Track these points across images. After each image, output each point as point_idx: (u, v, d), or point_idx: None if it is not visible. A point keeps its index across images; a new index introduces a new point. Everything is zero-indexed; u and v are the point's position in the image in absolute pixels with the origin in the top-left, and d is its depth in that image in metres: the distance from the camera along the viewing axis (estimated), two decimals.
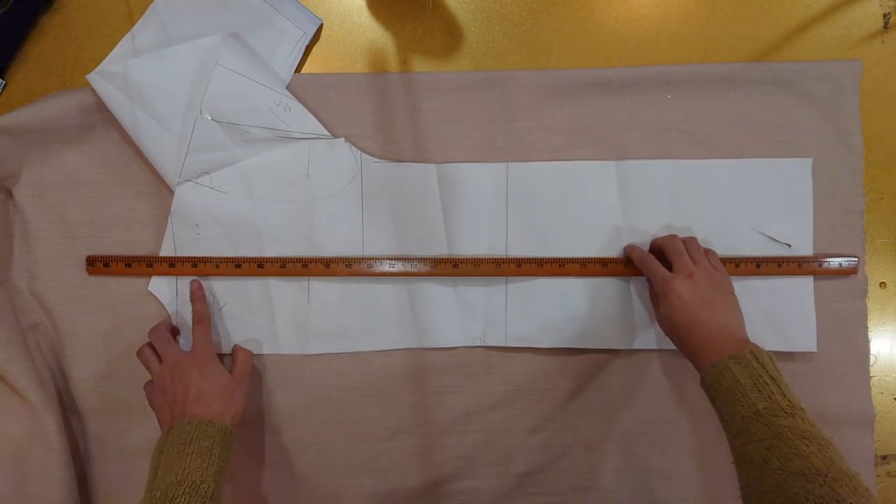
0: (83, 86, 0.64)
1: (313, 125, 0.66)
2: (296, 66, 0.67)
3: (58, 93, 0.65)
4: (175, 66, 0.63)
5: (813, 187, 0.67)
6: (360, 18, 0.69)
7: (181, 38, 0.64)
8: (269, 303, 0.68)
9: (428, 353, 0.69)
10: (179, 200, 0.65)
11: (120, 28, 0.66)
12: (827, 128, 0.67)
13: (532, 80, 0.67)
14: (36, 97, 0.65)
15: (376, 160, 0.67)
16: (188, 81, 0.63)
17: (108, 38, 0.66)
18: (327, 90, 0.67)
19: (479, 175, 0.67)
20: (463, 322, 0.68)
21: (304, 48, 0.67)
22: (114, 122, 0.65)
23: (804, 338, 0.67)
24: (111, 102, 0.63)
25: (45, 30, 0.68)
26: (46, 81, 0.68)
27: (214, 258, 0.66)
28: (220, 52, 0.63)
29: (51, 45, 0.68)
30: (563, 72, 0.67)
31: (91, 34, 0.68)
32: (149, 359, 0.62)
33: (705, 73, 0.67)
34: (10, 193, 0.67)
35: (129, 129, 0.64)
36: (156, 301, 0.67)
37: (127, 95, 0.63)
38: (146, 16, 0.65)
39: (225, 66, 0.63)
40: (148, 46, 0.65)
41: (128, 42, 0.65)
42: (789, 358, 0.68)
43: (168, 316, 0.67)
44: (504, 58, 0.69)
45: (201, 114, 0.63)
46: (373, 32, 0.69)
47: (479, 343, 0.68)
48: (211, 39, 0.63)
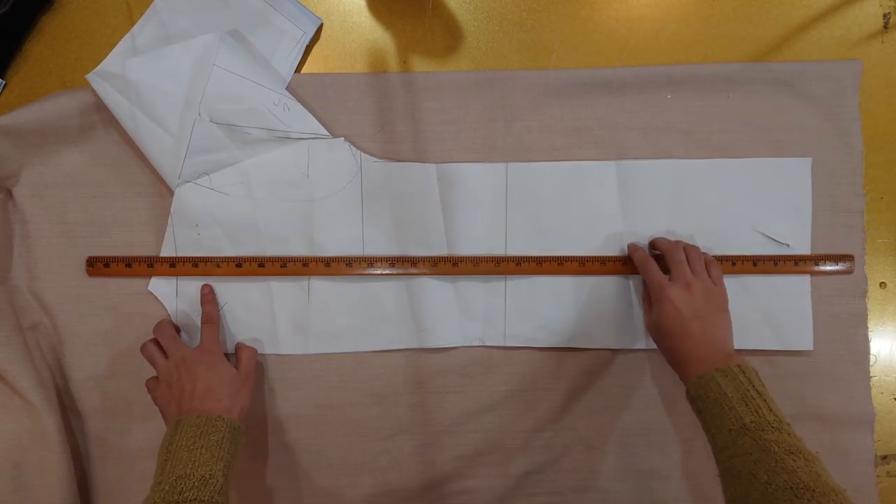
0: (83, 86, 0.64)
1: (313, 125, 0.66)
2: (296, 66, 0.67)
3: (58, 93, 0.65)
4: (173, 66, 0.63)
5: (813, 187, 0.67)
6: (360, 18, 0.69)
7: (181, 37, 0.64)
8: (269, 303, 0.68)
9: (428, 354, 0.69)
10: (179, 201, 0.65)
11: (120, 28, 0.66)
12: (827, 128, 0.67)
13: (532, 80, 0.67)
14: (36, 97, 0.65)
15: (376, 160, 0.67)
16: (186, 81, 0.63)
17: (108, 38, 0.66)
18: (327, 90, 0.67)
19: (478, 175, 0.67)
20: (462, 322, 0.68)
21: (304, 48, 0.67)
22: (114, 122, 0.65)
23: (801, 336, 0.67)
24: (111, 103, 0.63)
25: (45, 30, 0.68)
26: (46, 81, 0.68)
27: (215, 258, 0.66)
28: (217, 52, 0.63)
29: (51, 45, 0.68)
30: (563, 72, 0.67)
31: (91, 34, 0.68)
32: (154, 355, 0.62)
33: (705, 73, 0.67)
34: (10, 193, 0.67)
35: (129, 129, 0.64)
36: (156, 301, 0.67)
37: (126, 96, 0.63)
38: (146, 16, 0.65)
39: (223, 68, 0.63)
40: (148, 46, 0.65)
41: (128, 42, 0.65)
42: (789, 357, 0.68)
43: (168, 315, 0.67)
44: (504, 58, 0.69)
45: (200, 115, 0.63)
46: (373, 32, 0.69)
47: (478, 343, 0.68)
48: (208, 38, 0.63)
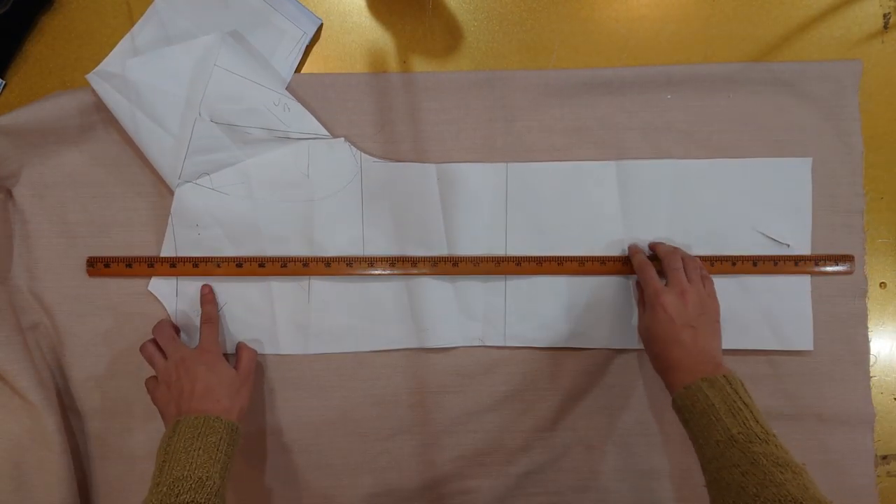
0: (83, 86, 0.64)
1: (313, 125, 0.66)
2: (296, 66, 0.67)
3: (58, 93, 0.65)
4: (173, 66, 0.63)
5: (813, 187, 0.67)
6: (360, 18, 0.69)
7: (181, 38, 0.64)
8: (269, 303, 0.68)
9: (428, 354, 0.69)
10: (179, 201, 0.65)
11: (120, 28, 0.66)
12: (827, 128, 0.67)
13: (532, 80, 0.67)
14: (36, 97, 0.65)
15: (376, 160, 0.67)
16: (186, 81, 0.63)
17: (108, 38, 0.66)
18: (327, 90, 0.67)
19: (478, 175, 0.67)
20: (462, 322, 0.68)
21: (304, 48, 0.67)
22: (114, 122, 0.65)
23: (801, 336, 0.67)
24: (111, 103, 0.63)
25: (45, 30, 0.68)
26: (46, 81, 0.68)
27: (215, 258, 0.66)
28: (218, 52, 0.63)
29: (51, 45, 0.68)
30: (563, 72, 0.67)
31: (91, 34, 0.68)
32: (153, 355, 0.62)
33: (705, 73, 0.67)
34: (10, 193, 0.67)
35: (129, 129, 0.64)
36: (156, 301, 0.67)
37: (126, 96, 0.63)
38: (146, 16, 0.65)
39: (223, 68, 0.63)
40: (148, 46, 0.65)
41: (128, 42, 0.65)
42: (789, 357, 0.68)
43: (168, 315, 0.67)
44: (504, 58, 0.69)
45: (200, 115, 0.63)
46: (373, 32, 0.69)
47: (478, 343, 0.68)
48: (208, 38, 0.63)
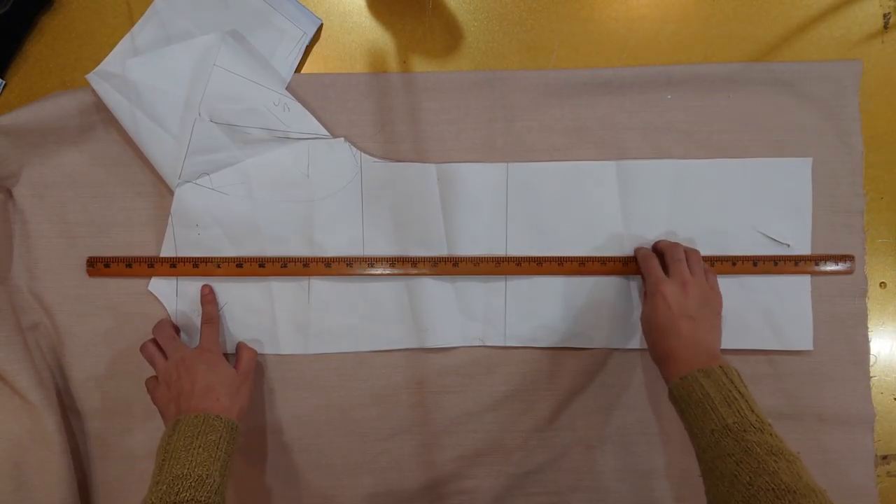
0: (83, 86, 0.64)
1: (313, 125, 0.66)
2: (296, 66, 0.67)
3: (58, 93, 0.65)
4: (173, 66, 0.63)
5: (813, 187, 0.67)
6: (360, 18, 0.69)
7: (181, 38, 0.64)
8: (269, 303, 0.68)
9: (428, 353, 0.69)
10: (179, 201, 0.65)
11: (120, 28, 0.66)
12: (827, 128, 0.67)
13: (532, 80, 0.67)
14: (36, 97, 0.65)
15: (376, 160, 0.67)
16: (186, 81, 0.63)
17: (108, 38, 0.66)
18: (327, 90, 0.67)
19: (478, 175, 0.67)
20: (462, 322, 0.68)
21: (304, 48, 0.67)
22: (114, 122, 0.65)
23: (801, 336, 0.67)
24: (111, 102, 0.63)
25: (45, 30, 0.68)
26: (46, 81, 0.68)
27: (216, 258, 0.66)
28: (217, 52, 0.63)
29: (51, 45, 0.68)
30: (563, 72, 0.67)
31: (91, 34, 0.68)
32: (153, 355, 0.62)
33: (705, 73, 0.67)
34: (10, 193, 0.67)
35: (129, 129, 0.64)
36: (156, 301, 0.67)
37: (126, 96, 0.63)
38: (146, 16, 0.65)
39: (223, 68, 0.63)
40: (148, 46, 0.65)
41: (127, 42, 0.65)
42: (789, 357, 0.68)
43: (168, 315, 0.67)
44: (504, 58, 0.69)
45: (200, 115, 0.63)
46: (373, 32, 0.69)
47: (478, 343, 0.68)
48: (208, 38, 0.63)
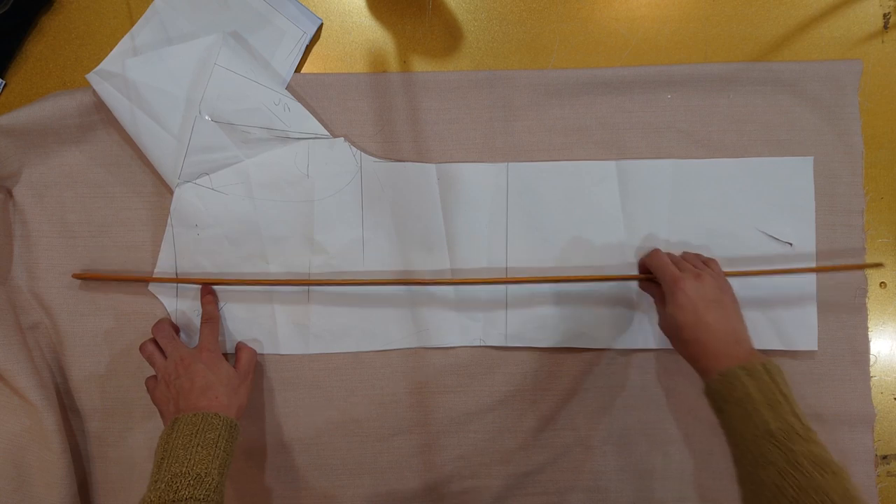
0: (83, 86, 0.64)
1: (313, 125, 0.66)
2: (296, 66, 0.67)
3: (58, 93, 0.65)
4: (173, 66, 0.63)
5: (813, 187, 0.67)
6: (360, 18, 0.69)
7: (181, 38, 0.64)
8: (269, 303, 0.68)
9: (428, 353, 0.69)
10: (179, 201, 0.65)
11: (120, 28, 0.66)
12: (827, 128, 0.67)
13: (532, 80, 0.67)
14: (36, 97, 0.65)
15: (376, 160, 0.67)
16: (186, 81, 0.63)
17: (108, 38, 0.66)
18: (327, 90, 0.67)
19: (479, 175, 0.67)
20: (463, 322, 0.68)
21: (304, 48, 0.67)
22: (113, 122, 0.65)
23: (805, 337, 0.67)
24: (111, 102, 0.63)
25: (45, 30, 0.68)
26: (46, 81, 0.68)
27: (223, 279, 0.66)
28: (218, 52, 0.63)
29: (51, 45, 0.68)
30: (563, 72, 0.67)
31: (91, 34, 0.68)
32: (153, 354, 0.62)
33: (705, 73, 0.67)
34: (10, 193, 0.67)
35: (129, 129, 0.64)
36: (156, 301, 0.67)
37: (126, 95, 0.63)
38: (146, 16, 0.65)
39: (223, 67, 0.63)
40: (148, 46, 0.65)
41: (127, 42, 0.65)
42: (789, 357, 0.68)
43: (168, 315, 0.67)
44: (504, 58, 0.69)
45: (200, 114, 0.63)
46: (373, 32, 0.69)
47: (479, 343, 0.68)
48: (209, 39, 0.63)
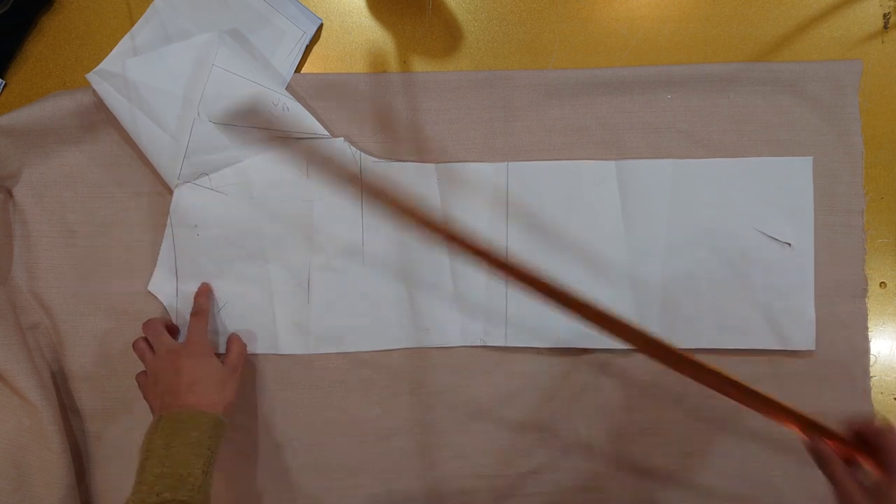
0: (83, 86, 0.64)
1: (313, 125, 0.66)
2: (296, 66, 0.67)
3: (58, 93, 0.65)
4: (172, 66, 0.63)
5: (813, 187, 0.67)
6: (360, 18, 0.69)
7: (181, 38, 0.64)
8: (269, 303, 0.68)
9: (428, 353, 0.69)
10: (178, 202, 0.65)
11: (120, 28, 0.66)
12: (827, 128, 0.67)
13: (532, 80, 0.67)
14: (36, 97, 0.65)
15: (376, 160, 0.67)
16: (185, 81, 0.63)
17: (108, 38, 0.66)
18: (327, 90, 0.67)
19: (479, 175, 0.67)
20: (463, 322, 0.68)
21: (304, 48, 0.67)
22: (114, 122, 0.65)
23: (803, 337, 0.67)
24: (110, 102, 0.63)
25: (45, 30, 0.68)
26: (46, 81, 0.68)
27: None
28: (216, 52, 0.63)
29: (51, 45, 0.68)
30: (563, 72, 0.67)
31: (91, 34, 0.68)
32: (144, 351, 0.62)
33: (705, 73, 0.67)
34: (10, 193, 0.67)
35: (129, 128, 0.64)
36: (156, 300, 0.67)
37: (126, 95, 0.63)
38: (146, 16, 0.65)
39: (222, 67, 0.63)
40: (148, 46, 0.65)
41: (127, 42, 0.65)
42: (789, 357, 0.68)
43: (168, 315, 0.67)
44: (504, 58, 0.69)
45: (199, 115, 0.63)
46: (373, 32, 0.69)
47: (479, 343, 0.68)
48: (207, 37, 0.63)
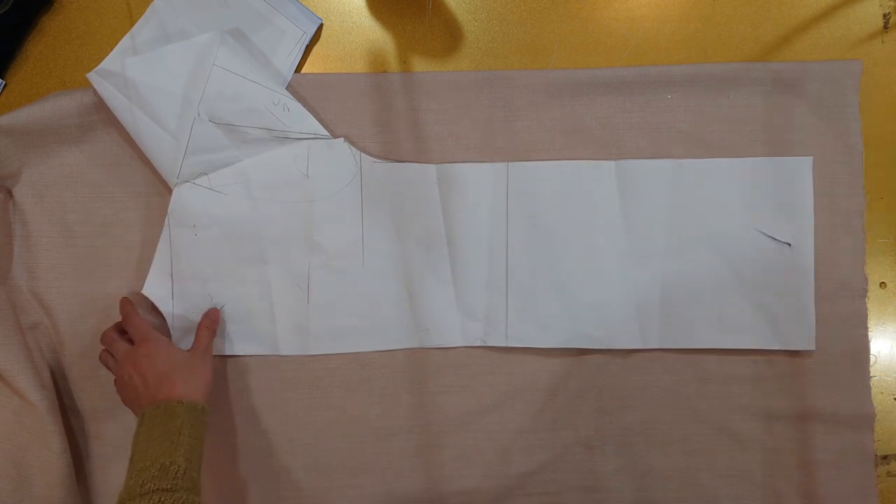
0: (83, 86, 0.64)
1: (313, 125, 0.66)
2: (296, 66, 0.67)
3: (58, 93, 0.65)
4: (172, 65, 0.63)
5: (813, 187, 0.67)
6: (360, 18, 0.69)
7: (181, 37, 0.64)
8: (268, 304, 0.67)
9: (428, 353, 0.69)
10: (177, 201, 0.65)
11: (120, 28, 0.66)
12: (827, 128, 0.67)
13: (532, 80, 0.67)
14: (36, 97, 0.65)
15: (376, 160, 0.67)
16: (185, 80, 0.63)
17: (108, 38, 0.66)
18: (327, 90, 0.67)
19: (479, 175, 0.67)
20: (463, 322, 0.68)
21: (304, 48, 0.67)
22: (114, 122, 0.65)
23: (803, 337, 0.67)
24: (111, 101, 0.63)
25: (45, 30, 0.68)
26: (46, 81, 0.68)
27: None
28: (217, 51, 0.63)
29: (51, 45, 0.68)
30: (563, 72, 0.67)
31: (91, 34, 0.68)
32: (107, 361, 0.62)
33: (705, 73, 0.67)
34: (10, 193, 0.67)
35: (129, 128, 0.64)
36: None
37: (125, 94, 0.63)
38: (146, 15, 0.65)
39: (222, 67, 0.63)
40: (148, 46, 0.65)
41: (127, 42, 0.65)
42: (789, 357, 0.68)
43: (165, 319, 0.67)
44: (504, 58, 0.69)
45: (199, 115, 0.63)
46: (373, 32, 0.69)
47: (479, 343, 0.68)
48: (207, 37, 0.63)
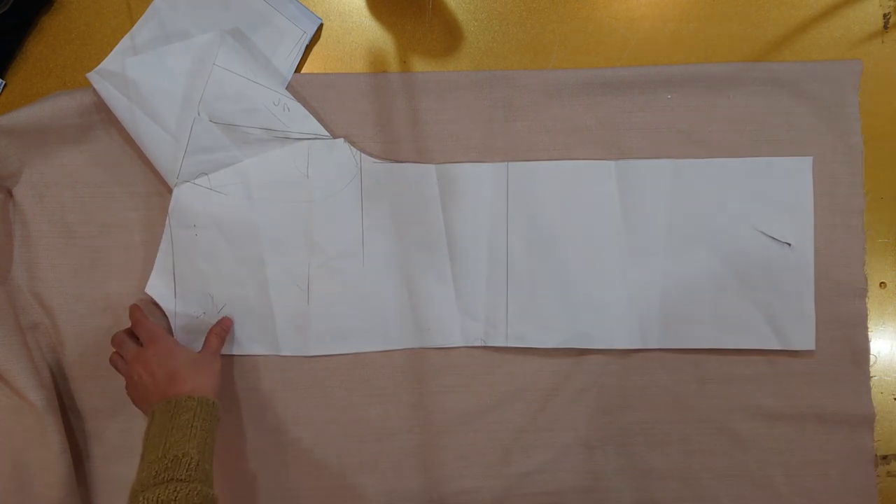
0: (83, 86, 0.64)
1: (313, 125, 0.66)
2: (296, 66, 0.67)
3: (58, 93, 0.65)
4: (172, 65, 0.63)
5: (813, 187, 0.67)
6: (360, 18, 0.69)
7: (181, 38, 0.64)
8: (268, 304, 0.67)
9: (428, 353, 0.69)
10: (177, 202, 0.65)
11: (120, 28, 0.66)
12: (827, 128, 0.67)
13: (532, 80, 0.67)
14: (36, 97, 0.65)
15: (376, 160, 0.67)
16: (185, 80, 0.63)
17: (108, 38, 0.66)
18: (327, 90, 0.67)
19: (479, 175, 0.67)
20: (463, 322, 0.68)
21: (304, 48, 0.67)
22: (114, 122, 0.65)
23: (803, 336, 0.67)
24: (111, 101, 0.63)
25: (45, 30, 0.68)
26: (46, 81, 0.68)
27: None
28: (217, 51, 0.63)
29: (51, 45, 0.68)
30: (563, 72, 0.67)
31: (91, 34, 0.68)
32: (116, 362, 0.63)
33: (705, 73, 0.67)
34: (10, 193, 0.67)
35: (129, 128, 0.64)
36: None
37: (126, 94, 0.63)
38: (146, 15, 0.65)
39: (222, 67, 0.63)
40: (148, 46, 0.65)
41: (127, 42, 0.65)
42: (789, 357, 0.68)
43: (167, 318, 0.67)
44: (504, 58, 0.69)
45: (199, 115, 0.63)
46: (373, 32, 0.69)
47: (480, 343, 0.68)
48: (208, 37, 0.63)
